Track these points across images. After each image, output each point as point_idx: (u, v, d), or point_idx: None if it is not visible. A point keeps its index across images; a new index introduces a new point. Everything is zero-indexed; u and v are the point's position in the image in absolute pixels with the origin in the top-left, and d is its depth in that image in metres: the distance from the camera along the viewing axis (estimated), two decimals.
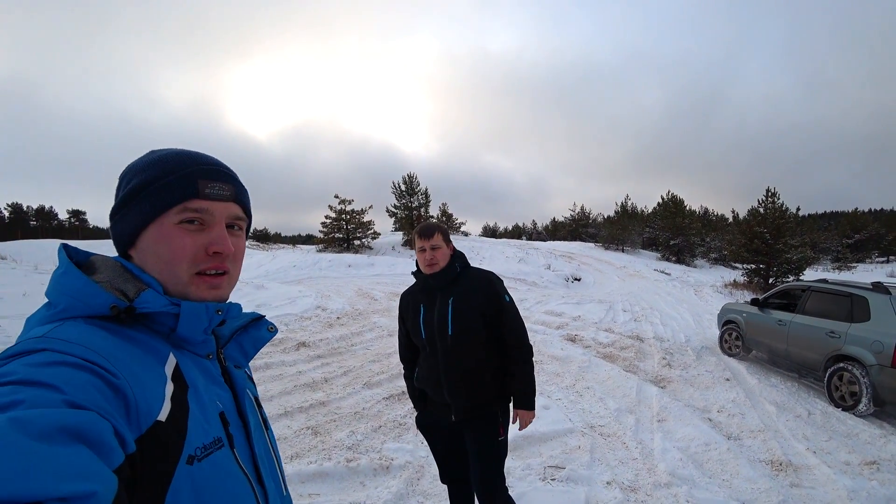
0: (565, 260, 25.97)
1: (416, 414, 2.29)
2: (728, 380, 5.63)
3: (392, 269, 17.22)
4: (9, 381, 0.49)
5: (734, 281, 19.83)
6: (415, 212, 26.68)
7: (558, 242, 38.61)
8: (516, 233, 75.05)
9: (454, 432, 2.18)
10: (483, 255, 24.60)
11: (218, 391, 0.75)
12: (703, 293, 16.10)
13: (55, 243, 17.97)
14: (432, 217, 27.78)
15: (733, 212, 44.86)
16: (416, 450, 3.37)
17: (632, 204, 42.30)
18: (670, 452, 3.53)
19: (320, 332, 7.35)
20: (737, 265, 23.96)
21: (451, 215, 31.38)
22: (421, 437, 3.63)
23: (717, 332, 7.93)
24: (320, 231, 25.27)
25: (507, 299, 2.09)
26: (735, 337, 7.14)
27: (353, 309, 9.39)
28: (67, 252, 0.74)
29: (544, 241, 44.53)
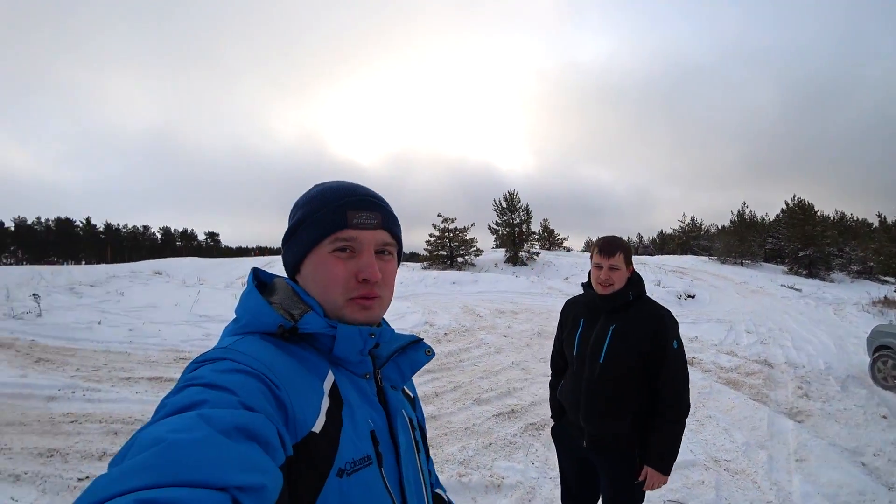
0: (677, 275, 24.10)
1: (526, 433, 2.26)
2: (885, 417, 4.83)
3: (495, 286, 17.24)
4: (197, 383, 0.58)
5: (885, 298, 16.91)
6: (516, 228, 26.56)
7: (668, 256, 35.98)
8: None
9: (586, 458, 2.04)
10: (588, 270, 23.72)
11: (371, 410, 0.77)
12: (844, 312, 13.98)
13: (196, 261, 20.67)
14: (534, 233, 27.41)
15: (879, 215, 38.10)
16: (526, 470, 3.35)
17: (750, 212, 38.16)
18: (814, 499, 3.11)
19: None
20: (887, 279, 20.51)
21: (552, 231, 30.72)
22: (532, 457, 3.59)
23: (868, 360, 6.79)
24: (424, 249, 26.17)
25: (675, 346, 1.86)
26: (892, 366, 6.11)
27: (459, 325, 9.55)
28: (255, 275, 0.84)
29: (651, 255, 41.73)
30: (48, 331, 6.97)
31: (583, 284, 2.05)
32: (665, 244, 49.42)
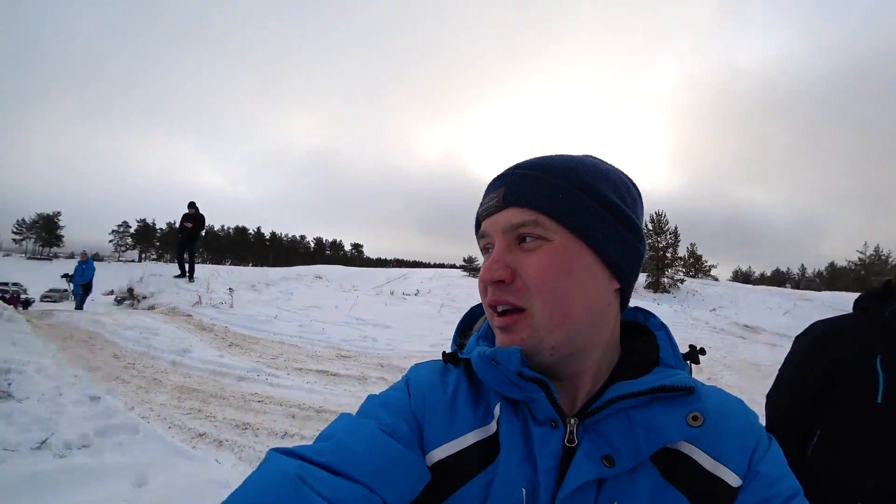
0: None
1: None
2: None
3: None
4: (377, 400, 0.60)
5: None
6: (660, 252, 24.74)
7: (840, 293, 30.42)
8: (778, 279, 62.20)
9: None
10: (740, 304, 21.09)
11: (529, 470, 0.52)
12: None
13: (344, 268, 22.84)
14: (679, 259, 25.23)
15: None
16: None
17: None
18: None
19: None
20: None
21: (699, 257, 27.99)
22: None
23: None
24: None
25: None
26: None
27: None
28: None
29: (817, 290, 35.62)
30: (237, 320, 8.15)
31: (861, 300, 1.36)
32: (836, 279, 41.96)
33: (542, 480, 0.51)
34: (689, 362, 0.60)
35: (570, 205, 0.53)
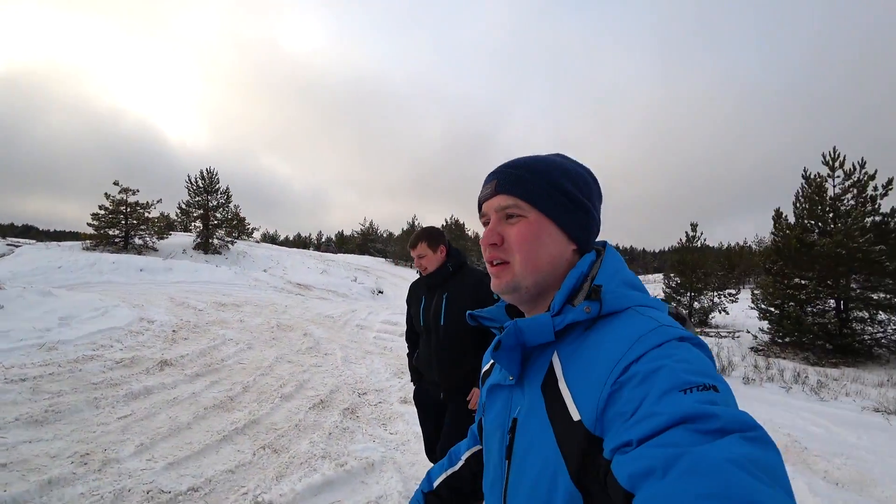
0: (363, 273, 26.84)
1: (349, 419, 2.49)
2: None
3: (196, 277, 15.26)
4: None
5: None
6: (212, 212, 23.85)
7: (349, 256, 39.26)
8: (301, 242, 72.39)
9: (441, 412, 2.41)
10: (285, 264, 23.64)
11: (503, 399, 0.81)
12: None
13: None
14: (228, 220, 25.11)
15: None
16: (377, 447, 3.76)
17: (418, 224, 45.62)
18: None
19: (169, 349, 6.48)
20: None
21: (243, 219, 28.78)
22: (372, 436, 4.01)
23: None
24: (89, 224, 20.26)
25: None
26: None
27: (182, 321, 8.35)
28: None
29: (335, 253, 44.55)
30: None
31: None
32: (345, 243, 53.47)
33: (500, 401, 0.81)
34: (595, 300, 0.69)
35: (539, 194, 0.76)
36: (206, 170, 24.58)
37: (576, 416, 0.61)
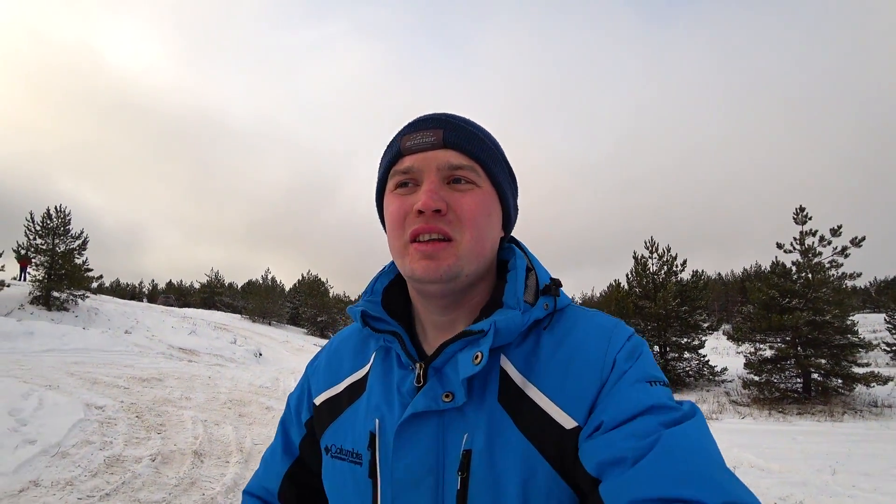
0: (223, 331, 24.26)
1: None
2: None
3: (67, 343, 12.46)
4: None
5: None
6: (63, 258, 18.88)
7: (200, 311, 34.75)
8: (126, 292, 60.72)
9: None
10: (146, 323, 20.28)
11: (385, 408, 0.61)
12: None
13: None
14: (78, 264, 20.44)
15: None
16: None
17: (272, 277, 42.90)
18: None
19: (173, 438, 5.91)
20: None
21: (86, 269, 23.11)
22: None
23: None
24: None
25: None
26: None
27: (125, 404, 7.33)
28: None
29: (179, 307, 39.05)
30: None
31: None
32: (188, 296, 47.10)
33: (394, 413, 0.60)
34: (550, 296, 0.62)
35: (494, 162, 0.62)
36: (57, 207, 20.06)
37: (569, 423, 0.53)
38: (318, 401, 0.69)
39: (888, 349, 18.89)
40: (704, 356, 14.57)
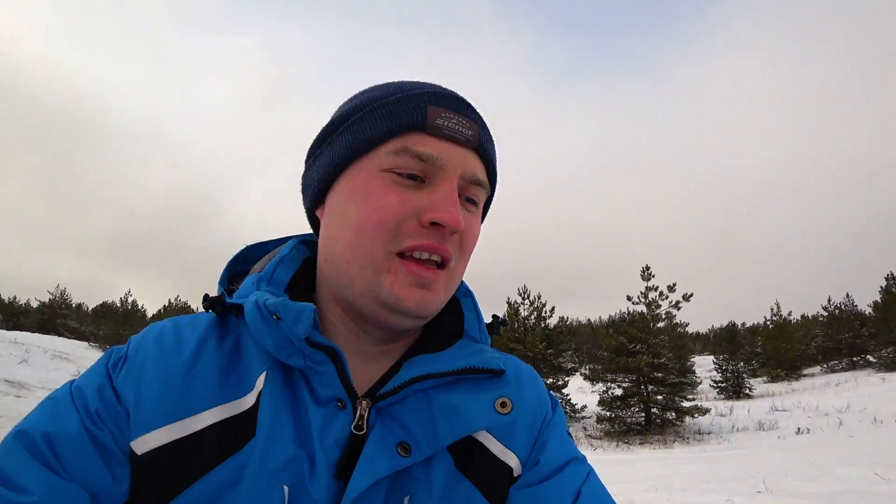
0: (63, 361, 20.98)
1: None
2: None
3: None
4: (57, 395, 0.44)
5: None
6: None
7: (32, 335, 29.27)
8: None
9: None
10: None
11: (299, 464, 0.40)
12: None
13: None
14: None
15: None
16: None
17: (132, 301, 38.04)
18: None
19: None
20: None
21: None
22: None
23: None
24: None
25: None
26: None
27: None
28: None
29: (5, 329, 32.46)
30: None
31: None
32: (20, 316, 39.30)
33: (319, 477, 0.40)
34: (491, 334, 0.53)
35: (494, 182, 0.51)
36: None
37: (516, 466, 0.46)
38: (144, 445, 0.40)
39: (714, 385, 22.41)
40: (567, 395, 16.15)
